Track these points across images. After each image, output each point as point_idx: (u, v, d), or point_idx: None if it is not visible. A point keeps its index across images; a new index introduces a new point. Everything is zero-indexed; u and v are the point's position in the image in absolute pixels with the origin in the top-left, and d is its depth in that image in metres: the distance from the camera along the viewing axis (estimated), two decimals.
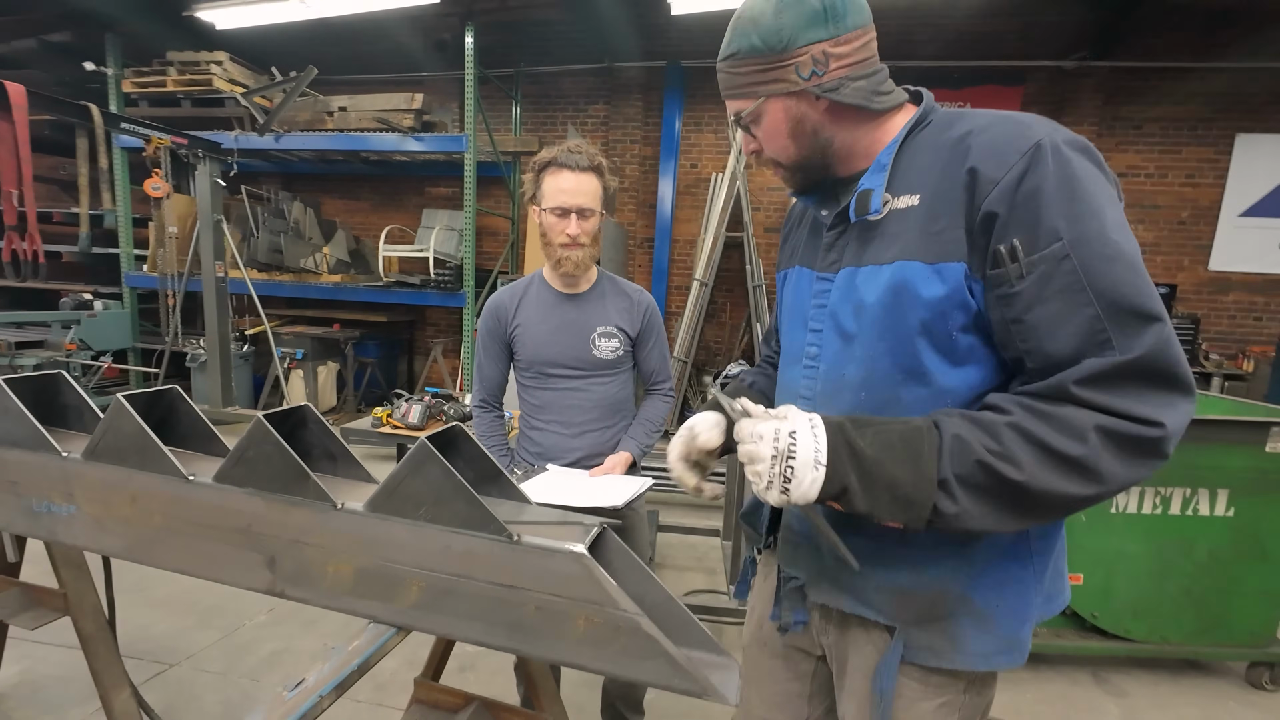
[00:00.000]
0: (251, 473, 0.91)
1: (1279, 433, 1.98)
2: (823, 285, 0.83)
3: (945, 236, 0.69)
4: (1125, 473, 0.61)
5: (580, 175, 1.36)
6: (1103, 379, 0.61)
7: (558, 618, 0.80)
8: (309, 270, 5.34)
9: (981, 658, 0.77)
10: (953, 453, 0.64)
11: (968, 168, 0.68)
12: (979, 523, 0.65)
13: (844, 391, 0.80)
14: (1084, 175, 0.64)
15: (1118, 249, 0.62)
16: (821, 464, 0.66)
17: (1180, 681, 2.24)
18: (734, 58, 0.77)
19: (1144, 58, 4.93)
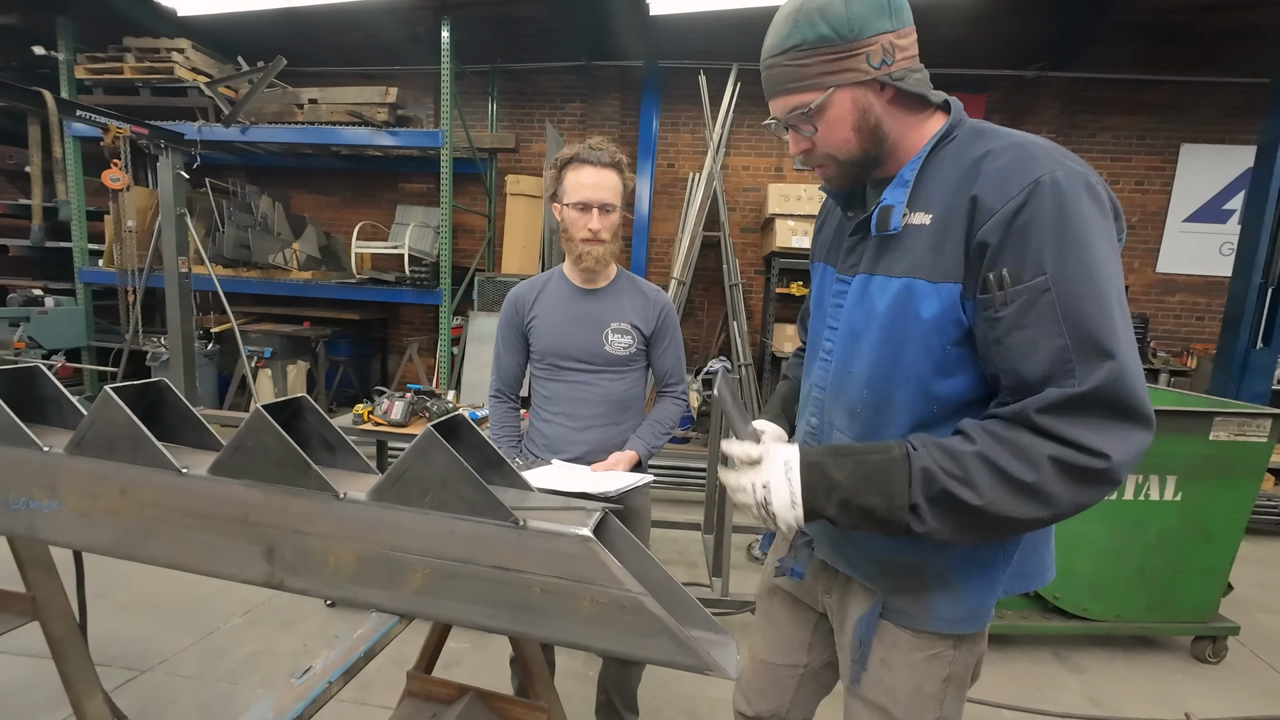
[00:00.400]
0: (249, 463, 0.91)
1: (1221, 422, 2.13)
2: (841, 286, 0.89)
3: (947, 257, 0.74)
4: (1074, 497, 0.68)
5: (602, 171, 1.37)
6: (1060, 408, 0.67)
7: (563, 599, 0.82)
8: (278, 267, 5.20)
9: (947, 623, 0.88)
10: (921, 482, 0.72)
11: (971, 195, 0.72)
12: (947, 538, 0.74)
13: (850, 386, 0.87)
14: (1077, 215, 0.67)
15: (1095, 287, 0.67)
16: (798, 504, 0.76)
17: (1133, 656, 2.39)
18: (797, 49, 0.76)
19: (1097, 70, 5.18)
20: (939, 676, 0.89)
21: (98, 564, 1.26)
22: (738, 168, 5.85)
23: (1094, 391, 0.65)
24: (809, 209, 5.08)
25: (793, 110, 0.80)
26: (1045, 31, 5.18)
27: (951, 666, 0.89)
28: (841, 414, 0.89)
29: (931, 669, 0.89)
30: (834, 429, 0.91)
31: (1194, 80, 5.17)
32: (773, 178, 5.78)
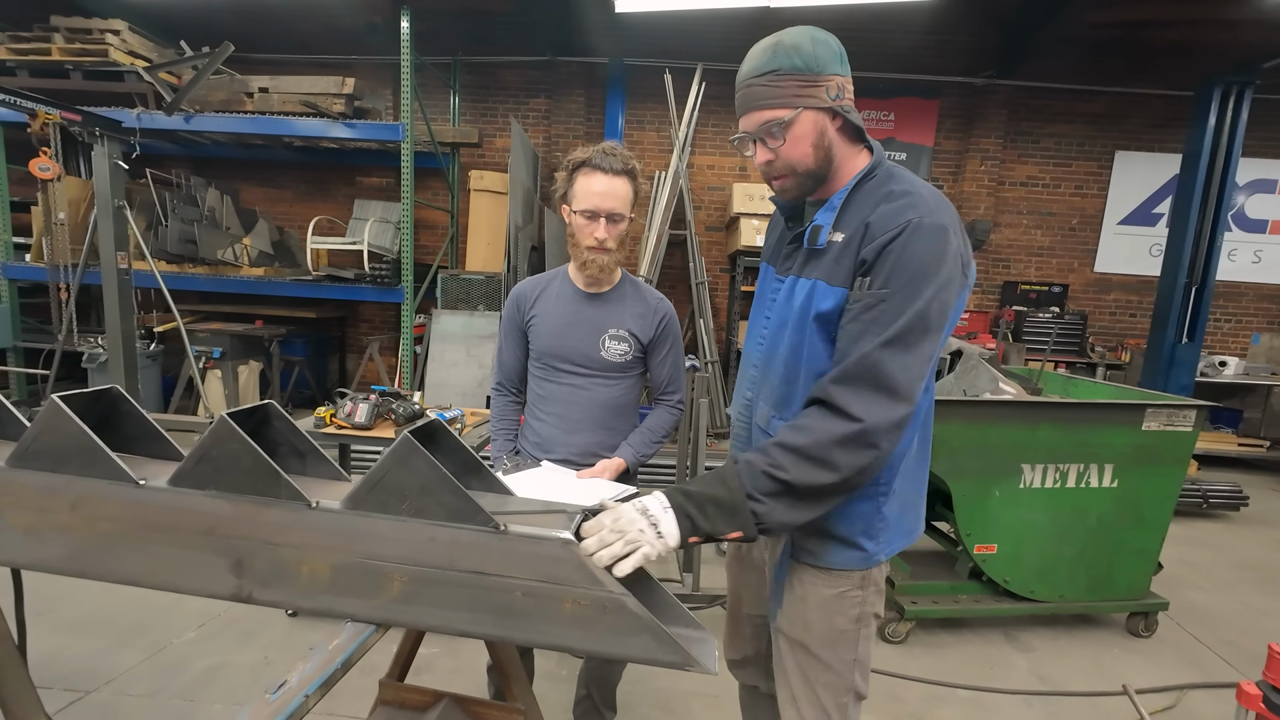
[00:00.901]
0: (215, 474, 0.87)
1: (1152, 413, 2.29)
2: (776, 285, 1.10)
3: (844, 268, 0.95)
4: (846, 459, 0.87)
5: (614, 179, 1.35)
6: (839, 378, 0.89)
7: (545, 602, 0.83)
8: (227, 263, 4.96)
9: (840, 561, 1.06)
10: (747, 473, 0.89)
11: (867, 222, 0.93)
12: (785, 516, 0.89)
13: (776, 364, 1.07)
14: (923, 256, 0.89)
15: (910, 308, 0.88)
16: (666, 506, 0.87)
17: (1075, 634, 2.55)
18: (775, 73, 0.93)
19: (1041, 79, 5.46)
20: (851, 615, 1.06)
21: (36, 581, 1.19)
22: (703, 166, 5.90)
23: (861, 367, 0.88)
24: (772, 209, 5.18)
25: (766, 123, 0.95)
26: (994, 41, 5.42)
27: (861, 607, 1.06)
28: (769, 387, 1.08)
29: (843, 606, 1.05)
30: (760, 400, 1.10)
31: (1127, 91, 5.51)
32: (737, 177, 5.86)
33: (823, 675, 1.06)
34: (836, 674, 1.06)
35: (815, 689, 1.07)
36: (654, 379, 1.57)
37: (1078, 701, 2.13)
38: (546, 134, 5.89)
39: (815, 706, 1.07)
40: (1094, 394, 2.83)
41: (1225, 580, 3.18)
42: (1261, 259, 5.77)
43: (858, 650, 1.07)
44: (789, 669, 1.10)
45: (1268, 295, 5.85)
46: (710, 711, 1.98)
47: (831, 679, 1.06)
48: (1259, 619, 2.80)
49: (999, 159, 5.66)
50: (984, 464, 2.25)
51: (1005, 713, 2.05)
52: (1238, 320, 5.93)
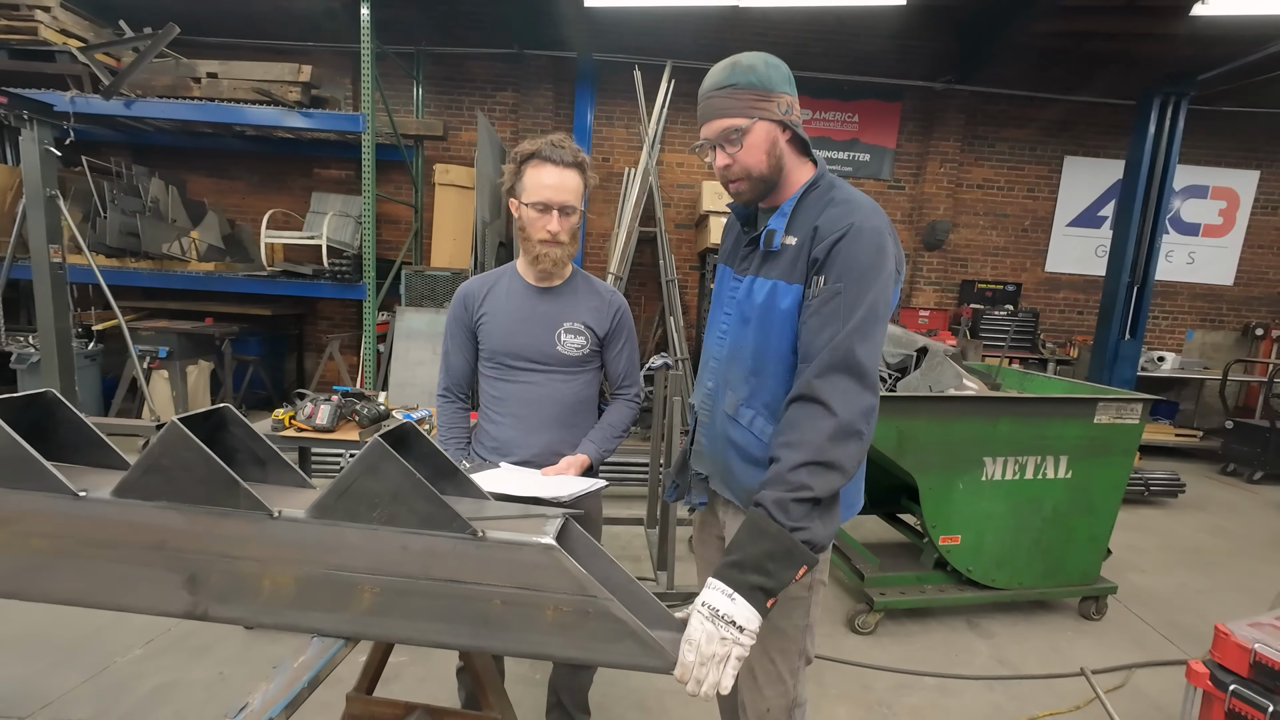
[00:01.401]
0: (165, 484, 0.82)
1: (1103, 407, 2.40)
2: (735, 284, 1.18)
3: (799, 267, 1.05)
4: (845, 453, 0.93)
5: (564, 171, 1.33)
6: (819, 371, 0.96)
7: (525, 609, 0.80)
8: (174, 257, 4.70)
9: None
10: (780, 511, 0.90)
11: (815, 225, 1.03)
12: (828, 526, 0.95)
13: (741, 356, 1.14)
14: (866, 254, 0.99)
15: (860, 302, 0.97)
16: (730, 593, 0.86)
17: (1031, 619, 2.66)
18: (734, 87, 1.04)
19: (995, 85, 5.66)
20: (804, 582, 1.12)
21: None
22: (672, 164, 5.91)
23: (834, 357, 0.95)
24: None
25: (725, 129, 1.06)
26: (952, 47, 5.59)
27: (811, 574, 1.12)
28: (736, 377, 1.15)
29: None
30: (727, 389, 1.17)
31: (1074, 99, 5.77)
32: (706, 175, 5.88)
33: (778, 642, 1.13)
34: (790, 639, 1.14)
35: (771, 655, 1.14)
36: (610, 373, 1.55)
37: (1035, 683, 2.22)
38: (514, 128, 5.79)
39: (770, 674, 1.14)
40: (1049, 389, 2.95)
41: (1165, 563, 3.37)
42: (1195, 260, 6.14)
43: (809, 615, 1.15)
44: None
45: (1200, 294, 6.23)
46: (684, 708, 1.98)
47: (785, 644, 1.14)
48: (1196, 598, 2.98)
49: (957, 161, 5.85)
50: (949, 458, 2.31)
51: (969, 697, 2.12)
52: (1174, 318, 6.29)
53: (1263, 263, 6.16)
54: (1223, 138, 5.86)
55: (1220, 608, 2.87)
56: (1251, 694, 1.22)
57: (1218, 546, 3.67)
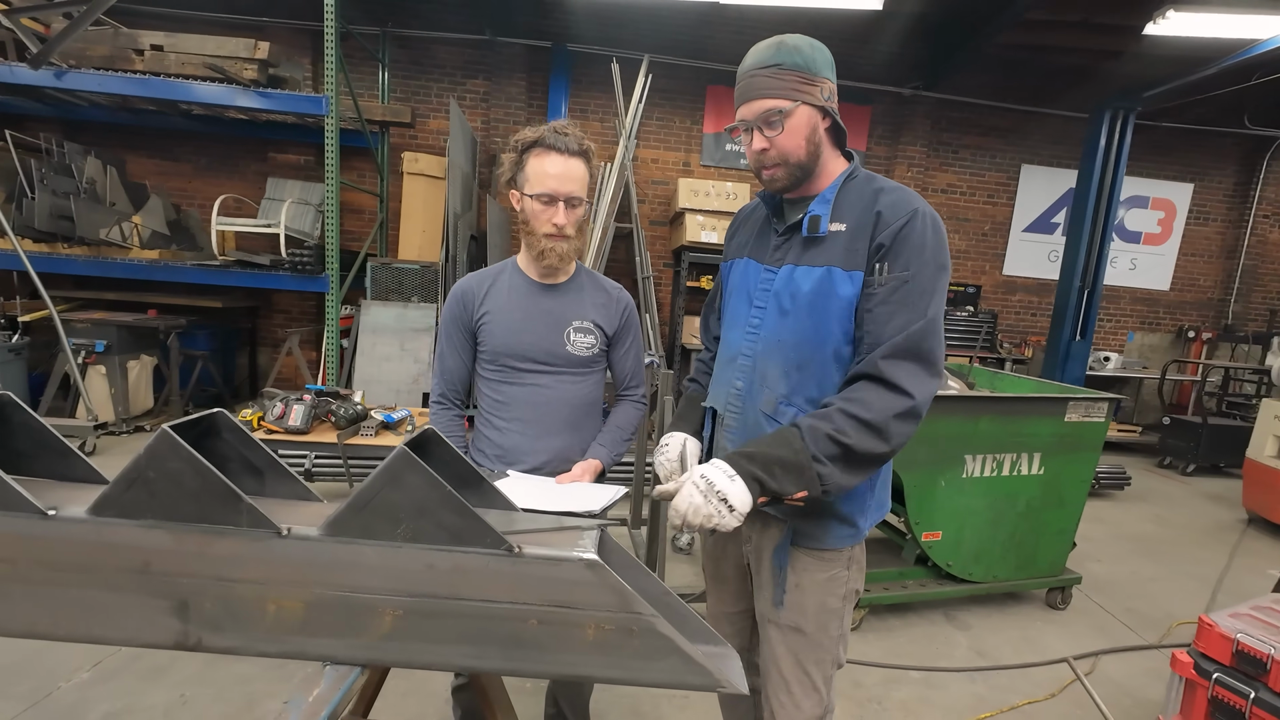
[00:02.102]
0: (151, 499, 0.72)
1: (1073, 406, 2.50)
2: (769, 275, 1.12)
3: (857, 254, 1.01)
4: (901, 430, 0.95)
5: (569, 159, 1.25)
6: (890, 354, 0.95)
7: (563, 629, 0.75)
8: (113, 243, 4.35)
9: (837, 539, 1.12)
10: (811, 436, 0.94)
11: (877, 210, 1.01)
12: (842, 479, 0.96)
13: (779, 350, 1.09)
14: (932, 240, 0.99)
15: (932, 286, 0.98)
16: (732, 474, 0.92)
17: (1005, 610, 2.75)
18: (779, 66, 1.00)
19: (959, 93, 5.85)
20: (840, 594, 1.13)
21: None
22: (647, 160, 5.86)
23: (909, 343, 0.95)
24: (718, 205, 5.23)
25: (767, 111, 1.01)
26: (920, 54, 5.74)
27: (847, 584, 1.13)
28: (774, 373, 1.10)
29: (834, 587, 1.12)
30: (764, 387, 1.11)
31: (1031, 110, 6.03)
32: (681, 172, 5.86)
33: (814, 654, 1.12)
34: (825, 650, 1.13)
35: (806, 668, 1.12)
36: (616, 373, 1.49)
37: (1013, 673, 2.29)
38: (485, 117, 5.62)
39: (805, 684, 1.13)
40: (1018, 388, 3.06)
41: (1118, 553, 3.56)
42: (1136, 266, 6.53)
43: (844, 625, 1.15)
44: (780, 655, 1.14)
45: (1141, 298, 6.63)
46: (680, 712, 1.95)
47: (820, 655, 1.13)
48: (1148, 585, 3.16)
49: (923, 166, 6.02)
50: (932, 456, 2.36)
51: (954, 689, 2.17)
52: (1116, 320, 6.68)
53: (1195, 270, 6.61)
54: (1162, 152, 6.24)
55: (1170, 594, 3.05)
56: (1235, 682, 1.28)
57: (1161, 535, 3.90)
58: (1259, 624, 1.32)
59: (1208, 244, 6.56)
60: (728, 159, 5.89)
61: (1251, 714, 1.23)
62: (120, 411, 4.20)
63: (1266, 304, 6.65)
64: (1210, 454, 5.19)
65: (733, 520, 0.91)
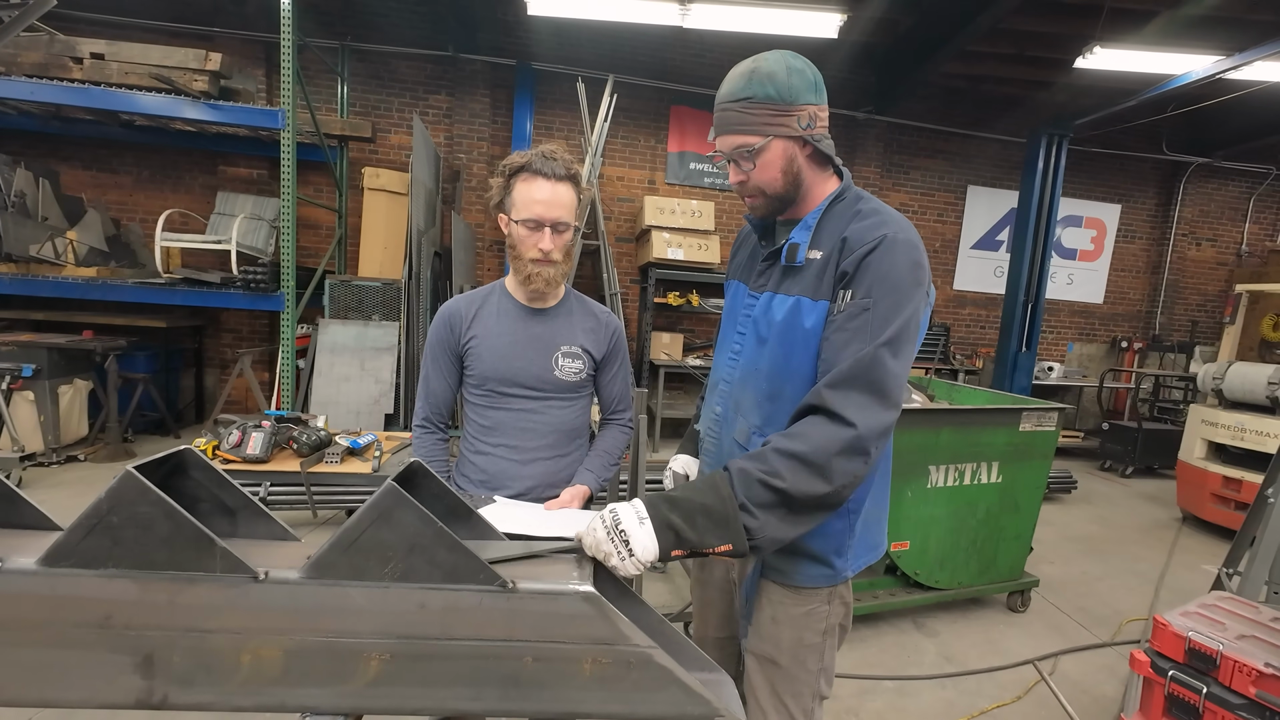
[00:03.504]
0: (114, 547, 0.67)
1: (1027, 415, 2.63)
2: (751, 301, 1.11)
3: (824, 283, 0.98)
4: (844, 466, 0.86)
5: (557, 185, 1.24)
6: (835, 382, 0.89)
7: (561, 664, 0.73)
8: (44, 260, 4.07)
9: (809, 578, 1.07)
10: (741, 481, 0.85)
11: (844, 237, 0.97)
12: (777, 531, 0.86)
13: (756, 378, 1.07)
14: (900, 269, 0.92)
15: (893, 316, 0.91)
16: (644, 517, 0.82)
17: (968, 615, 2.84)
18: (749, 100, 0.96)
19: (909, 118, 6.16)
20: (819, 629, 1.08)
21: None
22: (612, 178, 5.91)
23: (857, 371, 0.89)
24: (683, 222, 5.31)
25: (738, 148, 0.99)
26: (872, 81, 6.02)
27: (827, 620, 1.09)
28: (749, 402, 1.08)
29: (811, 622, 1.08)
30: (739, 415, 1.09)
31: (973, 135, 6.39)
32: (647, 189, 5.94)
33: (790, 686, 1.09)
34: (803, 684, 1.09)
35: (783, 699, 1.09)
36: (603, 398, 1.48)
37: (980, 677, 2.36)
38: (449, 133, 5.56)
39: (783, 715, 1.09)
40: (974, 399, 3.20)
41: (1067, 554, 3.74)
42: (1073, 280, 6.95)
43: (824, 660, 1.10)
44: (757, 685, 1.12)
45: (1078, 311, 7.06)
46: None
47: (798, 689, 1.09)
48: (1096, 584, 3.32)
49: (877, 186, 6.28)
50: (900, 467, 2.43)
51: (925, 697, 2.22)
52: (1057, 332, 7.08)
53: (1125, 284, 7.09)
54: (1092, 175, 6.71)
55: (1117, 592, 3.22)
56: (1188, 678, 1.36)
57: (1105, 535, 4.12)
58: (1207, 621, 1.41)
59: (1135, 260, 7.06)
60: (692, 177, 6.00)
61: (1205, 709, 1.31)
62: (50, 440, 3.90)
63: (1188, 315, 7.19)
64: (1146, 456, 5.54)
65: (630, 567, 0.80)
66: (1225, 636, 1.34)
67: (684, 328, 6.06)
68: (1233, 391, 4.11)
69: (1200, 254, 7.13)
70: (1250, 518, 1.97)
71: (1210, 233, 7.11)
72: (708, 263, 5.27)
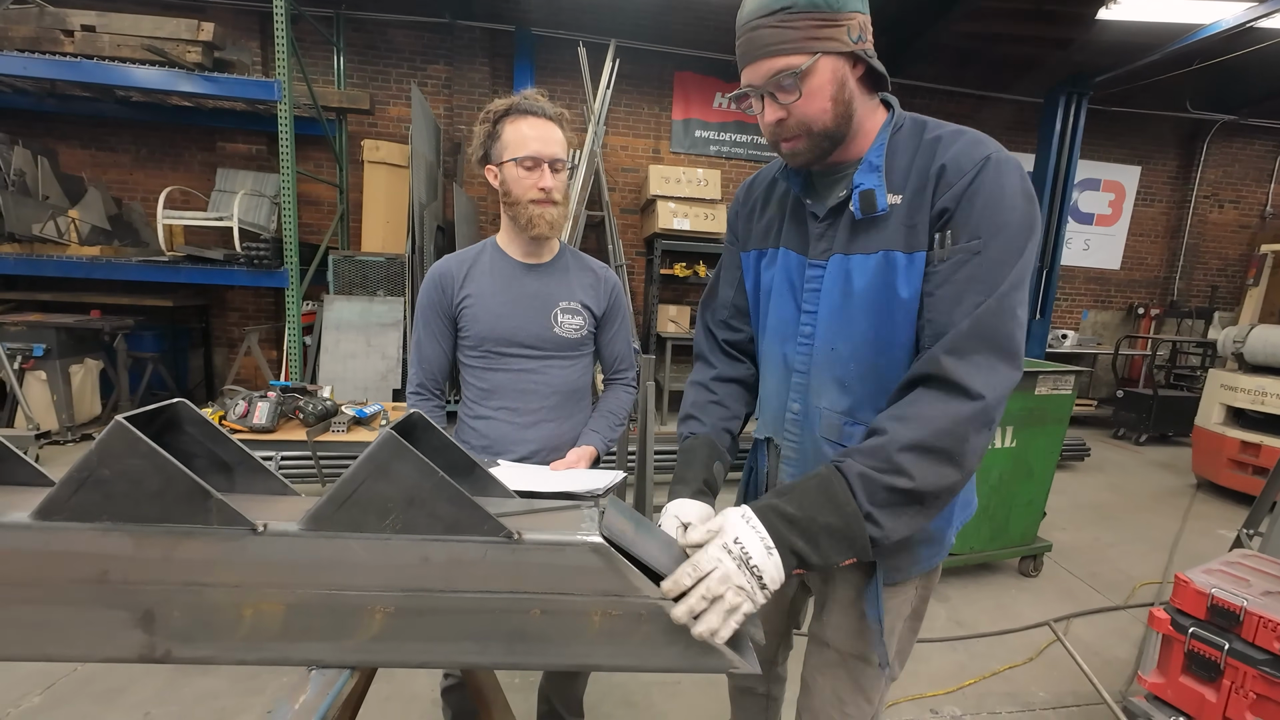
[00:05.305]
0: (106, 501, 0.65)
1: (1043, 379, 2.58)
2: (815, 271, 0.91)
3: (917, 229, 0.80)
4: (975, 444, 0.74)
5: (547, 122, 1.19)
6: (954, 348, 0.75)
7: (569, 618, 0.71)
8: (48, 239, 4.06)
9: (926, 561, 0.96)
10: (864, 489, 0.73)
11: (940, 165, 0.79)
12: (905, 531, 0.76)
13: (835, 363, 0.90)
14: (1012, 197, 0.76)
15: (1011, 256, 0.76)
16: (770, 546, 0.72)
17: (979, 580, 2.83)
18: (787, 11, 0.77)
19: (920, 79, 5.95)
20: (904, 615, 0.98)
21: None
22: (616, 147, 5.78)
23: (980, 329, 0.75)
24: (689, 191, 5.20)
25: (779, 73, 0.79)
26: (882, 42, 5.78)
27: (914, 604, 0.98)
28: (831, 390, 0.91)
29: (900, 609, 0.97)
30: (821, 408, 0.92)
31: (987, 95, 6.18)
32: (651, 159, 5.81)
33: (870, 673, 0.98)
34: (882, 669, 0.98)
35: (861, 684, 0.99)
36: (605, 356, 1.44)
37: (991, 640, 2.36)
38: (448, 104, 5.45)
39: (860, 704, 0.99)
40: None
41: (1079, 521, 3.72)
42: (1090, 246, 6.79)
43: (899, 642, 1.00)
44: (837, 679, 1.00)
45: (1094, 278, 6.91)
46: (672, 700, 1.94)
47: (876, 673, 0.98)
48: (1108, 550, 3.30)
49: None
50: None
51: (936, 660, 2.22)
52: (1072, 300, 6.94)
53: (1143, 249, 6.92)
54: (1112, 136, 6.49)
55: (1129, 558, 3.20)
56: (1210, 635, 1.33)
57: (1117, 502, 4.09)
58: (1230, 578, 1.38)
59: (1154, 224, 6.87)
60: (697, 145, 5.87)
61: (1226, 664, 1.28)
62: (64, 419, 3.94)
63: (1207, 280, 7.02)
64: (1160, 424, 5.47)
65: (759, 600, 0.71)
66: (1249, 593, 1.31)
67: (691, 300, 5.99)
68: (1254, 355, 4.02)
69: (1222, 216, 6.92)
70: (1273, 479, 1.93)
71: (1233, 194, 6.89)
72: (715, 233, 5.18)
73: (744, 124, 5.89)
